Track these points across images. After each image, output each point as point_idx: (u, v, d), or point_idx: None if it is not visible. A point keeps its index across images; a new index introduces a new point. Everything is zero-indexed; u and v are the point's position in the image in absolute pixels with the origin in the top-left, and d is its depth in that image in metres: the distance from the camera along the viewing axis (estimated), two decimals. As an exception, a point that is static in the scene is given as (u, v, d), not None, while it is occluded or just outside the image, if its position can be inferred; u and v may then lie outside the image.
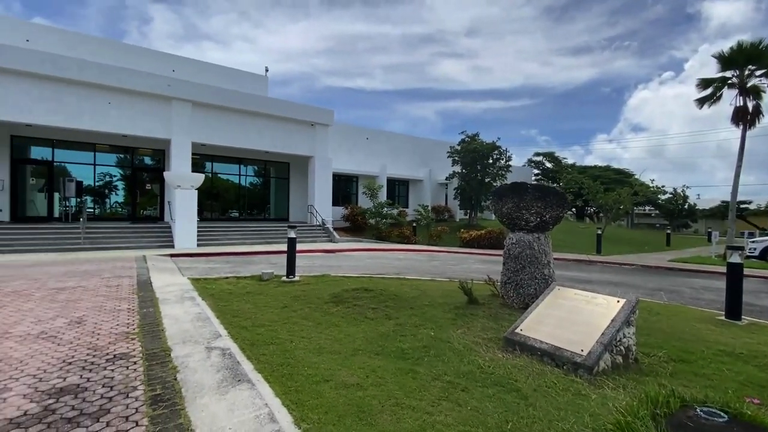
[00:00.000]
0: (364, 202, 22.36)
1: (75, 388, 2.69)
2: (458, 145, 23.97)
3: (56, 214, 15.53)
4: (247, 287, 6.53)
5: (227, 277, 7.52)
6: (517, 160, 43.01)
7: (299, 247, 8.79)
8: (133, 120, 14.06)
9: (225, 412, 2.40)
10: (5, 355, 3.28)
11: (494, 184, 23.03)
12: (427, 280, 8.10)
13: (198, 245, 13.65)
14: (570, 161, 52.22)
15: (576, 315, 3.64)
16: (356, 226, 20.71)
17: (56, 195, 15.49)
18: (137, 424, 2.25)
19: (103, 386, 2.72)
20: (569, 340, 3.36)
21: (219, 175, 19.24)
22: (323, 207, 18.48)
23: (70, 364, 3.11)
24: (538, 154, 50.34)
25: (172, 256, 11.27)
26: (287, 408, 2.48)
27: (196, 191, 13.88)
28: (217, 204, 19.32)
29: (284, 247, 14.17)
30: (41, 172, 15.57)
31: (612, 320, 3.37)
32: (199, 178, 14.08)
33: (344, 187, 23.99)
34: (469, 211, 24.50)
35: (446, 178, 25.59)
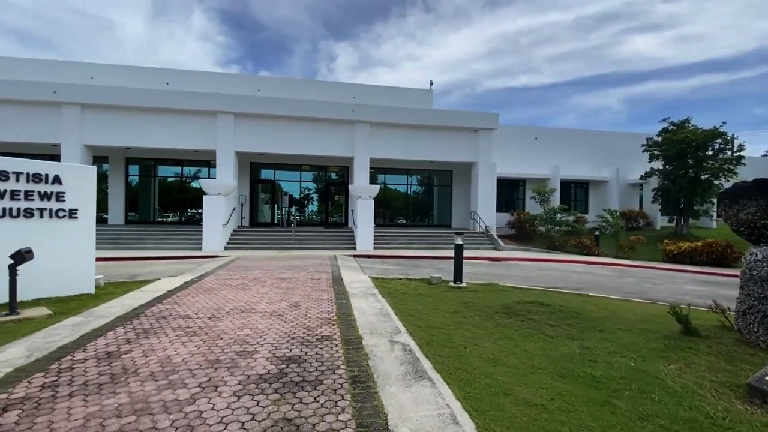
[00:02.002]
0: (532, 207, 20.76)
1: (298, 358, 3.39)
2: (658, 135, 19.66)
3: (275, 220, 20.13)
4: (418, 289, 6.93)
5: (400, 278, 8.17)
6: (753, 148, 32.09)
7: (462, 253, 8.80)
8: (326, 143, 17.01)
9: (411, 404, 2.60)
10: (253, 326, 4.40)
11: (716, 182, 17.86)
12: (618, 300, 6.89)
13: (374, 248, 15.34)
14: None
15: None
16: (523, 233, 19.38)
17: (275, 206, 20.14)
18: (343, 398, 2.66)
19: (316, 360, 3.34)
20: None
21: (389, 185, 21.21)
22: (487, 213, 18.05)
23: (293, 338, 3.94)
24: (790, 139, 36.38)
25: (354, 256, 13.01)
26: (468, 413, 2.50)
27: (373, 200, 15.67)
28: (387, 211, 21.31)
29: (448, 252, 14.55)
30: (266, 188, 20.50)
31: None
32: (376, 189, 15.86)
33: (509, 192, 22.86)
34: (675, 217, 19.70)
35: (640, 177, 21.28)
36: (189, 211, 19.96)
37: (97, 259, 6.56)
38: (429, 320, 4.82)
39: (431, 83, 23.87)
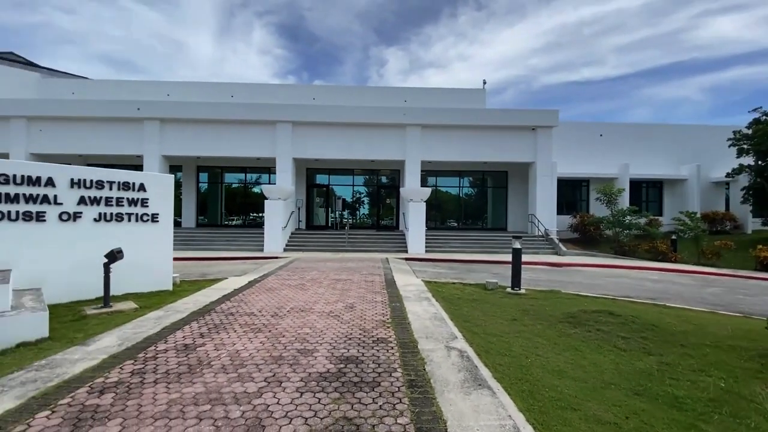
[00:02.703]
0: (597, 209, 19.34)
1: (355, 359, 3.46)
2: (748, 127, 17.42)
3: (329, 223, 20.78)
4: (474, 294, 6.74)
5: (454, 283, 8.02)
6: None
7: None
8: (378, 147, 17.25)
9: (471, 412, 2.53)
10: (312, 325, 4.57)
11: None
12: (702, 312, 6.18)
13: (425, 251, 15.23)
14: None
15: None
16: (587, 237, 18.11)
17: (329, 210, 20.80)
18: (401, 401, 2.66)
19: (373, 362, 3.38)
20: None
21: (440, 188, 20.94)
22: (546, 216, 17.12)
23: (349, 339, 4.03)
24: None
25: (406, 259, 13.01)
26: (533, 427, 2.37)
27: (424, 203, 15.58)
28: (438, 214, 21.04)
29: (503, 257, 14.00)
30: (321, 193, 21.25)
31: None
32: (427, 192, 15.76)
33: (571, 193, 21.51)
34: (771, 219, 17.28)
35: (727, 175, 18.96)
36: (251, 214, 21.28)
37: (174, 259, 7.21)
38: (486, 327, 4.67)
39: (484, 82, 23.26)
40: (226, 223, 21.00)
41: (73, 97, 20.31)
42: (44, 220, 5.44)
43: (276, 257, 13.16)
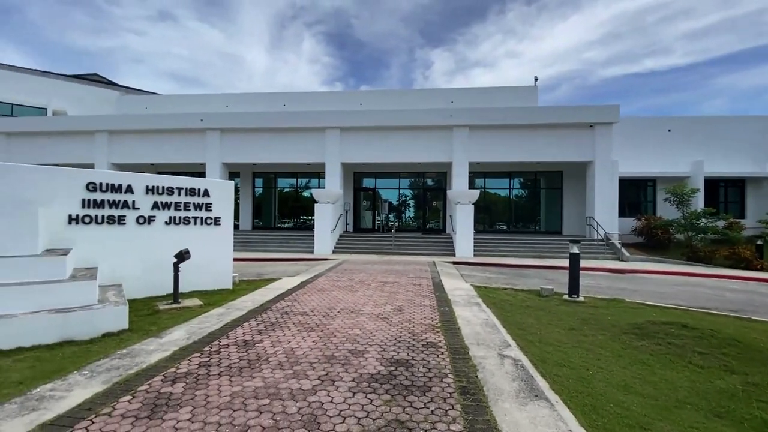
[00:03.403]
0: (665, 211, 17.72)
1: (405, 362, 3.46)
2: None
3: (375, 226, 21.00)
4: (527, 301, 6.47)
5: (505, 288, 7.74)
6: None
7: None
8: (424, 150, 17.17)
9: (527, 423, 2.42)
10: (362, 326, 4.64)
11: None
12: (797, 327, 5.42)
13: (474, 255, 14.87)
14: None
15: None
16: (654, 242, 16.63)
17: (375, 213, 21.02)
18: (453, 407, 2.62)
19: (423, 366, 3.36)
20: None
21: (488, 189, 20.35)
22: (606, 218, 15.99)
23: (399, 342, 4.04)
24: None
25: (453, 263, 12.79)
26: (597, 444, 2.22)
27: (472, 206, 15.23)
28: (487, 217, 20.43)
29: (558, 262, 13.27)
30: (368, 196, 21.54)
31: None
32: (475, 194, 15.39)
33: (634, 193, 19.91)
34: None
35: (824, 172, 16.54)
36: (301, 217, 22.11)
37: (233, 260, 7.67)
38: (542, 336, 4.46)
39: (536, 79, 22.32)
40: (279, 225, 21.99)
41: (146, 112, 22.44)
42: (124, 224, 6.06)
43: (325, 259, 13.54)
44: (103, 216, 5.85)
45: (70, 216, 5.57)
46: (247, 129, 18.07)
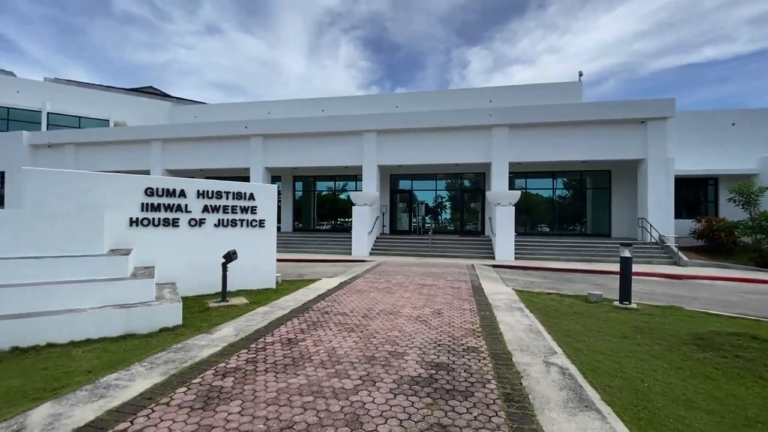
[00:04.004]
0: (730, 212, 16.24)
1: (446, 366, 3.42)
2: None
3: (411, 228, 20.93)
4: (573, 307, 6.17)
5: (549, 293, 7.44)
6: None
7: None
8: (462, 150, 16.91)
9: (577, 435, 2.31)
10: (401, 328, 4.64)
11: None
12: None
13: (515, 258, 14.41)
14: None
15: None
16: (716, 245, 15.27)
17: (412, 215, 20.97)
18: (497, 414, 2.55)
19: (465, 371, 3.30)
20: None
21: (529, 190, 19.64)
22: (661, 220, 14.91)
23: (439, 345, 4.00)
24: None
25: (493, 266, 12.47)
26: (656, 462, 2.08)
27: (513, 207, 14.78)
28: (528, 218, 19.72)
29: (607, 266, 12.54)
30: (404, 198, 21.53)
31: None
32: (516, 195, 14.93)
33: (692, 193, 18.42)
34: None
35: None
36: (339, 219, 22.50)
37: (275, 260, 7.95)
38: (591, 344, 4.23)
39: (580, 74, 21.30)
40: (318, 227, 22.52)
41: (195, 121, 23.86)
42: (178, 226, 6.47)
43: (362, 260, 13.69)
44: (159, 219, 6.28)
45: (131, 219, 6.04)
46: (288, 134, 18.69)
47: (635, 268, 10.22)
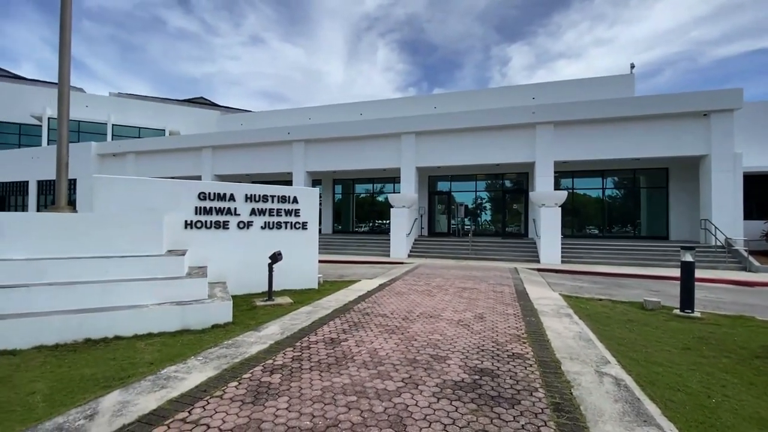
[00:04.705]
0: (810, 212, 14.52)
1: (490, 372, 3.33)
2: None
3: (450, 230, 20.63)
4: (627, 314, 5.79)
5: (600, 299, 7.03)
6: None
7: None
8: (503, 150, 16.44)
9: (636, 452, 2.16)
10: (442, 331, 4.59)
11: None
12: None
13: (561, 261, 13.77)
14: None
15: None
16: (794, 249, 13.70)
17: (450, 216, 20.68)
18: (546, 425, 2.45)
19: (510, 378, 3.20)
20: None
21: (576, 190, 18.69)
22: (727, 221, 13.61)
23: (482, 350, 3.91)
24: None
25: (538, 270, 11.99)
26: (729, 487, 1.90)
27: (560, 208, 14.14)
28: (575, 220, 18.78)
29: (664, 271, 11.64)
30: (442, 200, 21.29)
31: None
32: (563, 196, 14.28)
33: (764, 192, 16.67)
34: None
35: None
36: (377, 221, 22.67)
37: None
38: (648, 354, 3.95)
39: (632, 66, 20.01)
40: (356, 229, 22.83)
41: (241, 128, 25.07)
42: (228, 228, 6.83)
43: (401, 262, 13.69)
44: (211, 221, 6.66)
45: (185, 221, 6.46)
46: (328, 139, 19.14)
47: (698, 273, 9.37)
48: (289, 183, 19.69)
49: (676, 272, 10.89)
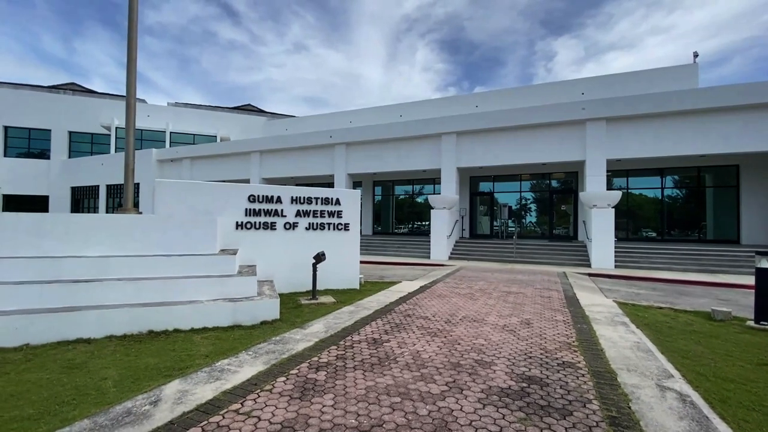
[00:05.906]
0: None
1: (538, 380, 3.20)
2: None
3: (493, 232, 20.07)
4: (692, 324, 5.32)
5: (660, 307, 6.51)
6: None
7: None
8: (551, 148, 15.73)
9: (706, 476, 1.98)
10: (486, 336, 4.47)
11: None
12: None
13: (615, 266, 12.94)
14: None
15: None
16: None
17: (493, 218, 20.12)
18: (601, 439, 2.31)
19: (561, 387, 3.05)
20: None
21: (631, 190, 17.46)
22: (812, 224, 12.09)
23: (529, 357, 3.76)
24: None
25: (589, 275, 11.35)
26: None
27: (613, 210, 13.31)
28: (630, 222, 17.54)
29: (734, 278, 10.57)
30: (484, 201, 20.77)
31: None
32: (616, 196, 13.42)
33: None
34: None
35: None
36: (416, 223, 22.57)
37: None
38: (717, 369, 3.60)
39: (695, 55, 18.41)
40: (396, 230, 22.87)
41: (285, 133, 26.05)
42: (275, 229, 7.12)
43: (442, 265, 13.52)
44: (259, 222, 6.98)
45: (236, 222, 6.81)
46: (369, 141, 19.36)
47: (777, 282, 8.30)
48: (330, 185, 20.15)
49: (749, 280, 9.87)
